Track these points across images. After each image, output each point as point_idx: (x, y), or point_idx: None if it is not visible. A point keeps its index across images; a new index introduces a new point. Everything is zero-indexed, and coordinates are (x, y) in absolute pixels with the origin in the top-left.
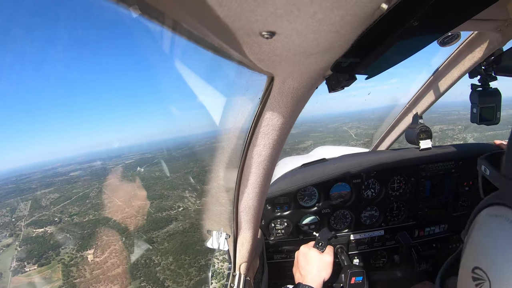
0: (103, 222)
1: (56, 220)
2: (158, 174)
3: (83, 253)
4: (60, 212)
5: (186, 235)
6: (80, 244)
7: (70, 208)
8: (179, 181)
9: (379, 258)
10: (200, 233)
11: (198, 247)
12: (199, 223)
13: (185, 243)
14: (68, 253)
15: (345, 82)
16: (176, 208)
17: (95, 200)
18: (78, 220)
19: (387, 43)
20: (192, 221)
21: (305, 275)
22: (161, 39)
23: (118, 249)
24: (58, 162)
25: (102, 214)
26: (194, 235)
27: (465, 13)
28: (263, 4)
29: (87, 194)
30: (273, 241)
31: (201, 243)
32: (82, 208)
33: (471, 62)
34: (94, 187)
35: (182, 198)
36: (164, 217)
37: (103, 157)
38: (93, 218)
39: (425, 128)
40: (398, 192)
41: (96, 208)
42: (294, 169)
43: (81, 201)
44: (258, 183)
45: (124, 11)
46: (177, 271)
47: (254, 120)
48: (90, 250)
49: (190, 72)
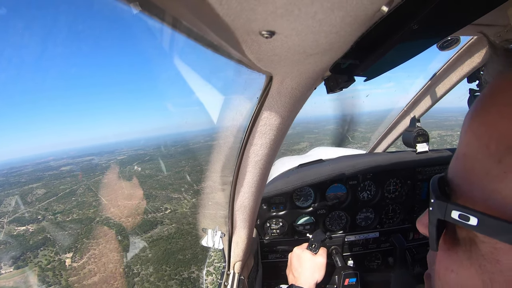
0: (86, 223)
1: (39, 218)
2: (148, 172)
3: (61, 257)
4: (44, 209)
5: (170, 241)
6: (60, 246)
7: (55, 205)
8: (168, 181)
9: (374, 260)
10: (185, 240)
11: (180, 256)
12: (185, 228)
13: (168, 251)
14: (47, 255)
15: (344, 84)
16: (163, 210)
17: (81, 197)
18: (62, 219)
19: (386, 45)
20: (178, 226)
21: (298, 277)
22: (160, 36)
23: (97, 254)
24: (51, 156)
25: (86, 213)
26: (178, 241)
27: (465, 18)
28: (263, 3)
29: (74, 191)
30: (268, 240)
31: (184, 252)
32: (67, 206)
33: (470, 67)
34: (82, 184)
35: (170, 200)
36: (149, 220)
37: (96, 152)
38: (76, 217)
39: (423, 131)
40: (394, 195)
41: (81, 206)
42: (291, 169)
43: (67, 198)
44: (254, 182)
45: (124, 7)
46: (156, 284)
47: (251, 119)
48: (69, 254)
49: (189, 70)
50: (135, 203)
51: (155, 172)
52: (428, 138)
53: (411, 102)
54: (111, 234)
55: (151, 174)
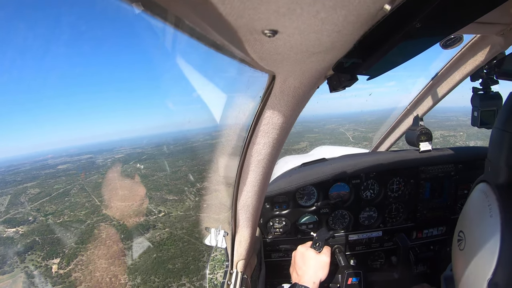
0: (76, 226)
1: (30, 220)
2: (144, 172)
3: (48, 262)
4: (36, 210)
5: (161, 248)
6: (48, 251)
7: (47, 206)
8: (164, 181)
9: (377, 259)
10: (176, 247)
11: (170, 265)
12: (178, 233)
13: (158, 259)
14: (34, 260)
15: (347, 82)
16: (156, 213)
17: (74, 198)
18: (52, 220)
19: (389, 44)
20: (171, 231)
21: (302, 275)
22: (163, 36)
23: (85, 260)
24: (50, 154)
25: (78, 215)
26: (170, 249)
27: (468, 16)
28: (266, 2)
29: (68, 190)
30: (271, 239)
31: (174, 261)
32: (59, 207)
33: (473, 65)
34: (77, 183)
35: (164, 201)
36: (141, 224)
37: (95, 150)
38: (67, 219)
39: (426, 130)
40: (397, 194)
41: (73, 208)
42: (294, 168)
43: (60, 198)
44: (257, 181)
45: (127, 7)
46: None
47: (254, 118)
48: (56, 259)
49: (192, 69)
50: (129, 204)
51: (151, 172)
52: (431, 136)
53: (414, 100)
54: (100, 239)
55: (146, 174)
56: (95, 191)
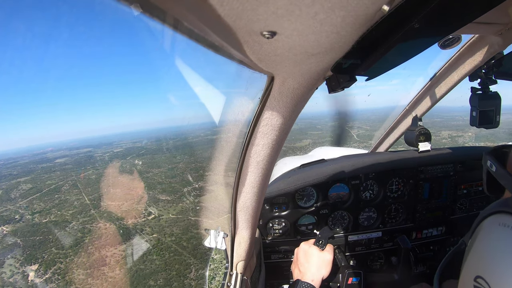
0: (61, 227)
1: (17, 218)
2: (140, 168)
3: (25, 268)
4: (25, 207)
5: (145, 259)
6: (27, 255)
7: (36, 203)
8: (158, 179)
9: (376, 259)
10: (162, 258)
11: (152, 282)
12: (167, 241)
13: (140, 273)
14: (12, 265)
15: (346, 83)
16: (146, 216)
17: (64, 195)
18: (38, 220)
19: (388, 44)
20: (159, 237)
21: (304, 272)
22: (161, 38)
23: (63, 269)
24: (50, 146)
25: (64, 215)
26: (155, 260)
27: (466, 16)
28: (264, 4)
29: (60, 187)
30: (271, 241)
31: (157, 275)
32: (47, 205)
33: (471, 65)
34: (69, 179)
35: (156, 202)
36: (128, 227)
37: (95, 144)
38: (53, 219)
39: (424, 130)
40: (397, 194)
41: (61, 206)
42: (293, 169)
43: (51, 195)
44: (257, 182)
45: (125, 9)
46: None
47: (253, 120)
48: (34, 266)
49: (190, 71)
50: (119, 204)
51: (146, 168)
52: (430, 137)
53: (413, 101)
54: (83, 244)
55: (141, 171)
56: (86, 188)
